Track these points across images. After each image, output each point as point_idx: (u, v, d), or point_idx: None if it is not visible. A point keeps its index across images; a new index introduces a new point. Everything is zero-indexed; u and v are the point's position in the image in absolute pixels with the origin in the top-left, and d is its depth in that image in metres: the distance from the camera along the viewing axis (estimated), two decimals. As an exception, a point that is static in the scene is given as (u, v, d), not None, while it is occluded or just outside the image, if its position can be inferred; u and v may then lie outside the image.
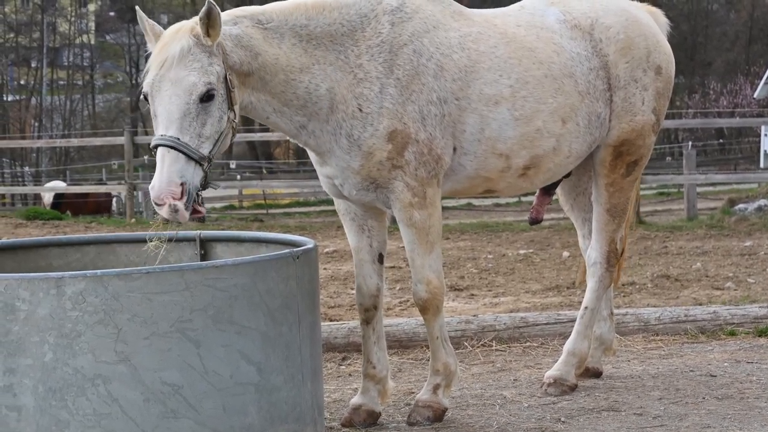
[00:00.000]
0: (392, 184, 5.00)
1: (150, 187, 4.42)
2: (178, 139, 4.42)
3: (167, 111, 4.46)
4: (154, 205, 4.44)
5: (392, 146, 4.93)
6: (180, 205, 4.35)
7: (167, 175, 4.38)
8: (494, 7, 5.79)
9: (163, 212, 4.39)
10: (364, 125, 4.92)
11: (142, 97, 4.59)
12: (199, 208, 4.48)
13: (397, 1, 5.06)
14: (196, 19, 4.54)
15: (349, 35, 4.95)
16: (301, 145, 5.11)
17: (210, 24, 4.48)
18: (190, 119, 4.46)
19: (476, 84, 5.15)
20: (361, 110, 4.91)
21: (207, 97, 4.48)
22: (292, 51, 4.83)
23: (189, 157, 4.42)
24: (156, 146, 4.44)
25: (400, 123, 4.93)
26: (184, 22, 4.62)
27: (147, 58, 4.63)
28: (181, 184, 4.38)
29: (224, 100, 4.56)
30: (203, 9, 4.47)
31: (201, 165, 4.46)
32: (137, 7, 4.71)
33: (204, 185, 4.52)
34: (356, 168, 4.97)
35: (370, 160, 4.94)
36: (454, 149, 5.14)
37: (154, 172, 4.45)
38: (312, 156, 5.22)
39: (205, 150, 4.48)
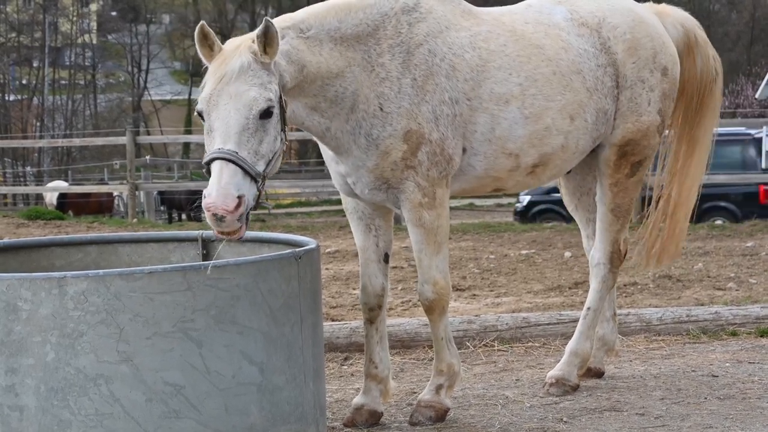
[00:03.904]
0: (403, 184, 5.00)
1: (206, 193, 4.25)
2: (236, 152, 4.30)
3: (225, 125, 4.34)
4: (204, 211, 4.25)
5: (407, 146, 4.94)
6: (229, 217, 4.20)
7: (224, 187, 4.23)
8: (500, 5, 5.80)
9: (210, 220, 4.23)
10: (383, 124, 4.92)
11: (196, 113, 4.48)
12: (243, 229, 4.31)
13: (413, 1, 5.08)
14: (253, 35, 4.48)
15: (372, 34, 4.95)
16: (325, 146, 5.10)
17: (267, 42, 4.42)
18: (249, 135, 4.35)
19: (487, 83, 5.16)
20: (382, 109, 4.92)
21: (266, 114, 4.39)
22: (330, 56, 4.82)
23: (246, 172, 4.29)
24: (212, 160, 4.30)
25: (415, 123, 4.94)
26: (242, 38, 4.54)
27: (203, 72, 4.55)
28: (238, 197, 4.24)
29: (279, 121, 4.48)
30: (260, 27, 4.41)
31: (256, 182, 4.34)
32: (203, 22, 4.53)
33: (256, 204, 4.41)
34: (370, 167, 4.98)
35: (386, 159, 4.95)
36: (464, 150, 5.15)
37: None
38: (326, 154, 5.22)
39: (260, 168, 4.37)
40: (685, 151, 6.08)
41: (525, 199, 20.71)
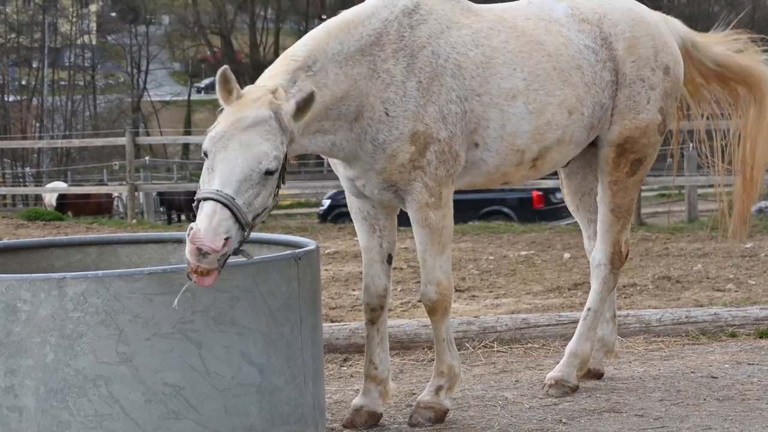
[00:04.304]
0: (411, 185, 5.01)
1: (195, 227, 4.15)
2: (233, 199, 4.24)
3: (230, 169, 4.28)
4: (188, 243, 4.13)
5: (415, 148, 4.95)
6: (212, 255, 4.07)
7: (215, 226, 4.14)
8: (500, 0, 5.80)
9: (191, 252, 4.08)
10: (389, 129, 4.92)
11: (203, 153, 4.40)
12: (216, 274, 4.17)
13: (412, 3, 5.08)
14: (272, 86, 4.46)
15: (376, 42, 4.94)
16: (334, 158, 5.09)
17: (305, 108, 4.44)
18: (249, 185, 4.29)
19: (494, 79, 5.17)
20: (387, 114, 4.92)
21: (270, 172, 4.36)
22: (335, 81, 4.80)
23: (237, 219, 4.23)
24: (208, 199, 4.23)
25: (422, 124, 4.95)
26: (263, 90, 4.49)
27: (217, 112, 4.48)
28: (226, 239, 4.15)
29: (278, 178, 4.45)
30: (305, 95, 4.42)
31: (243, 230, 4.28)
32: (226, 67, 4.43)
33: (236, 252, 4.31)
34: (378, 169, 4.98)
35: (393, 162, 4.95)
36: (477, 145, 5.16)
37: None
38: (333, 160, 5.22)
39: (249, 218, 4.31)
40: (755, 117, 6.11)
41: (326, 202, 22.22)
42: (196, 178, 34.78)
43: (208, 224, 4.15)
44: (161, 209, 31.53)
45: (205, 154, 4.39)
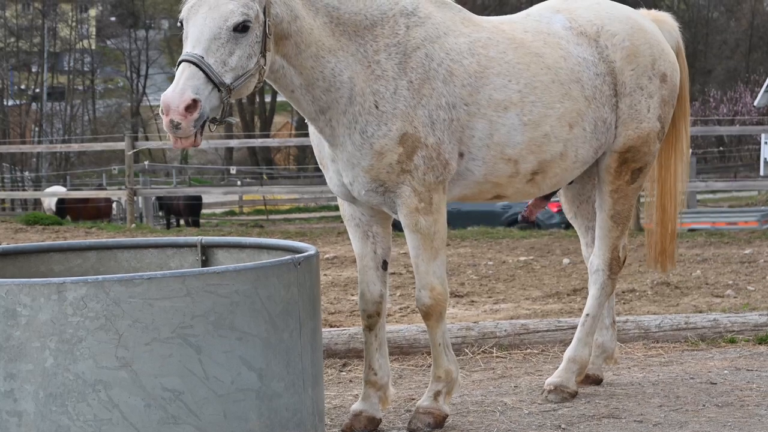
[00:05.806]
0: (400, 188, 5.01)
1: (162, 94, 4.37)
2: (203, 57, 4.41)
3: (199, 31, 4.47)
4: (161, 114, 4.37)
5: (403, 149, 4.95)
6: (184, 123, 4.31)
7: (182, 87, 4.35)
8: (496, 14, 5.82)
9: (166, 126, 4.36)
10: (378, 123, 4.94)
11: (179, 23, 4.60)
12: (198, 138, 4.41)
13: (412, 5, 5.10)
14: None
15: (370, 29, 4.98)
16: (317, 132, 5.11)
17: None
18: (219, 44, 4.45)
19: (485, 89, 5.17)
20: (377, 107, 4.93)
21: (241, 28, 4.48)
22: (323, 29, 4.87)
23: (209, 78, 4.40)
24: (180, 62, 4.43)
25: (411, 126, 4.95)
26: None
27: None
28: (194, 100, 4.34)
29: (258, 42, 4.56)
30: None
31: (219, 91, 4.43)
32: None
33: (220, 118, 4.51)
34: (366, 167, 4.98)
35: (381, 160, 4.96)
36: (462, 154, 5.16)
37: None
38: (321, 153, 5.22)
39: (226, 79, 4.46)
40: (665, 154, 6.09)
41: None
42: (195, 182, 34.79)
43: (175, 86, 4.36)
44: (160, 214, 31.48)
45: (182, 25, 4.57)
